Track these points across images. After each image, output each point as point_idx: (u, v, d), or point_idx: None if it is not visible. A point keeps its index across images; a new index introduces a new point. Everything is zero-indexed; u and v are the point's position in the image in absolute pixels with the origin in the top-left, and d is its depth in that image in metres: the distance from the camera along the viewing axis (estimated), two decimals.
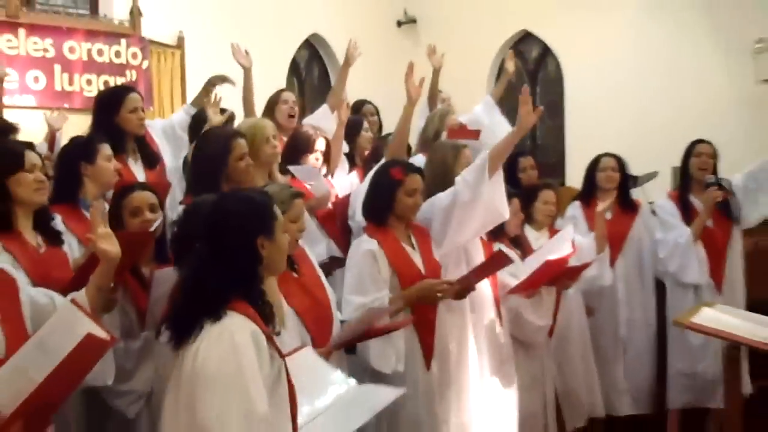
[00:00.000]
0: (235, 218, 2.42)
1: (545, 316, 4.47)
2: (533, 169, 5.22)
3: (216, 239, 2.41)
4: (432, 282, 3.78)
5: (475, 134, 5.00)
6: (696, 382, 5.11)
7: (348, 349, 3.45)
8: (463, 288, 3.87)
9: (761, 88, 7.99)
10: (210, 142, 3.90)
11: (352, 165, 5.22)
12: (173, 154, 4.74)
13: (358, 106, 5.91)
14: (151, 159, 4.45)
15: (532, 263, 4.38)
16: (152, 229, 3.24)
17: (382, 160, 4.32)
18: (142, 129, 4.40)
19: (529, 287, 4.29)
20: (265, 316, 2.43)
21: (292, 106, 5.25)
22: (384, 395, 2.82)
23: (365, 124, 5.41)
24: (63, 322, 2.28)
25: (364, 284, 3.67)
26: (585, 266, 4.60)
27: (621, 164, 5.26)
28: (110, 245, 2.70)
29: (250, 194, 2.59)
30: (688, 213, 5.12)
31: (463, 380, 4.06)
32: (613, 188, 5.21)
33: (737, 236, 5.22)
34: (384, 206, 3.81)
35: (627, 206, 5.24)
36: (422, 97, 4.83)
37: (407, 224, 3.91)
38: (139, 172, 4.27)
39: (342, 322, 3.52)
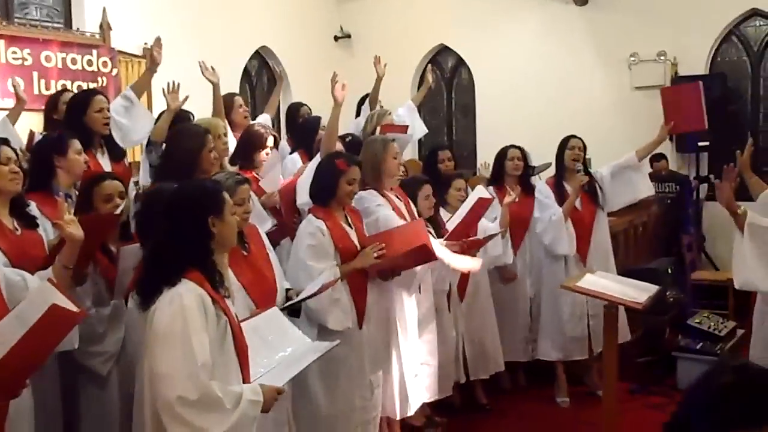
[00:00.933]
0: (189, 201, 2.47)
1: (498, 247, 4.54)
2: (450, 161, 5.26)
3: (173, 219, 2.45)
4: (368, 251, 3.78)
5: (404, 129, 5.03)
6: (564, 340, 5.23)
7: (291, 312, 3.41)
8: (390, 270, 3.91)
9: (634, 94, 8.20)
10: (187, 137, 3.80)
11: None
12: (118, 139, 4.48)
13: (297, 107, 5.84)
14: (117, 153, 4.33)
15: (455, 221, 4.44)
16: (117, 212, 3.17)
17: (318, 154, 4.28)
18: (107, 127, 4.25)
19: (463, 229, 4.32)
20: (215, 283, 2.45)
21: (246, 108, 5.24)
22: (323, 346, 2.85)
23: (323, 122, 5.32)
24: (35, 297, 2.22)
25: (319, 254, 3.66)
26: (489, 238, 4.68)
27: (524, 155, 5.35)
28: (75, 230, 2.68)
29: (202, 182, 2.64)
30: (561, 196, 5.19)
31: (389, 337, 4.11)
32: (517, 175, 5.30)
33: (602, 218, 5.32)
34: (328, 191, 3.79)
35: (528, 190, 5.32)
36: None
37: (344, 207, 3.89)
38: (106, 164, 4.14)
39: (288, 289, 3.49)
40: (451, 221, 4.56)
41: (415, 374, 4.23)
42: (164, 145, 4.16)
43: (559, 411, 5.19)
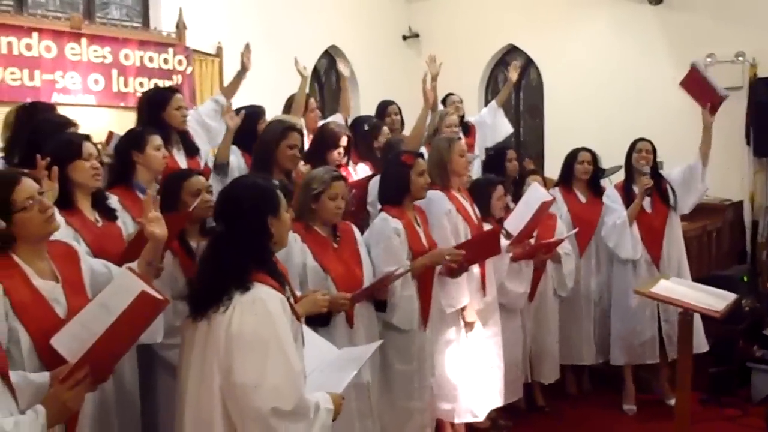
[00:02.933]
0: (247, 202, 2.39)
1: (524, 284, 4.47)
2: (516, 160, 5.21)
3: (233, 220, 2.37)
4: (444, 249, 3.83)
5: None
6: (633, 345, 5.11)
7: (378, 307, 3.49)
8: (459, 267, 3.91)
9: None
10: (268, 130, 3.90)
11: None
12: (205, 141, 4.66)
13: (384, 106, 5.86)
14: (192, 149, 4.41)
15: (515, 216, 4.42)
16: (191, 209, 3.24)
17: None
18: (184, 124, 4.35)
19: (527, 234, 4.29)
20: (281, 284, 2.40)
21: (319, 113, 5.34)
22: (366, 350, 2.80)
23: (384, 129, 5.32)
24: (121, 285, 2.26)
25: (396, 256, 3.68)
26: (559, 241, 4.63)
27: (594, 158, 5.28)
28: (159, 228, 2.66)
29: (256, 180, 2.56)
30: (629, 199, 5.09)
31: (452, 339, 4.11)
32: (586, 178, 5.22)
33: (675, 221, 5.18)
34: (400, 188, 3.80)
35: (597, 193, 5.23)
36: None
37: (413, 206, 3.90)
38: (181, 160, 4.22)
39: None
40: (509, 221, 4.50)
41: (480, 378, 4.19)
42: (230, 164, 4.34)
43: (625, 419, 5.08)
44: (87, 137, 3.26)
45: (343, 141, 4.46)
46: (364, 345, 3.02)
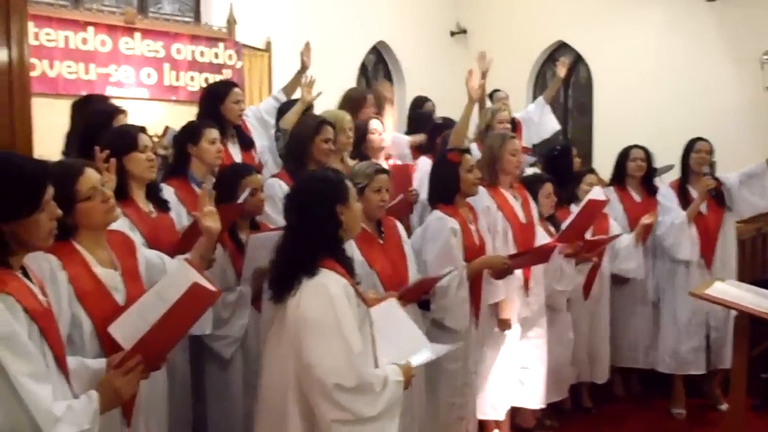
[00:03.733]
0: (316, 191, 2.52)
1: (563, 283, 4.41)
2: (577, 158, 5.19)
3: (302, 210, 2.51)
4: (502, 257, 3.86)
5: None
6: (679, 352, 5.00)
7: (421, 305, 3.48)
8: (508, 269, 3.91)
9: (767, 95, 7.73)
10: (302, 124, 3.93)
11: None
12: (263, 135, 4.70)
13: (421, 102, 5.83)
14: (246, 143, 4.44)
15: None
16: (240, 200, 3.27)
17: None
18: (240, 118, 4.39)
19: (573, 232, 4.24)
20: (350, 270, 2.54)
21: (373, 109, 5.25)
22: (442, 348, 2.86)
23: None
24: (176, 276, 2.31)
25: (452, 256, 3.67)
26: (602, 241, 4.56)
27: (648, 156, 5.19)
28: (213, 222, 2.74)
29: (325, 172, 2.69)
30: (685, 199, 4.99)
31: (499, 337, 4.09)
32: (640, 175, 5.15)
33: (730, 223, 5.06)
34: (451, 186, 3.78)
35: (651, 193, 5.14)
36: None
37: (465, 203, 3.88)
38: (236, 154, 4.25)
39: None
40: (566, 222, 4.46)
41: (513, 377, 4.16)
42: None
43: (674, 423, 4.98)
44: (142, 129, 3.30)
45: (375, 124, 4.43)
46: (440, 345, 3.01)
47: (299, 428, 2.42)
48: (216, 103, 4.27)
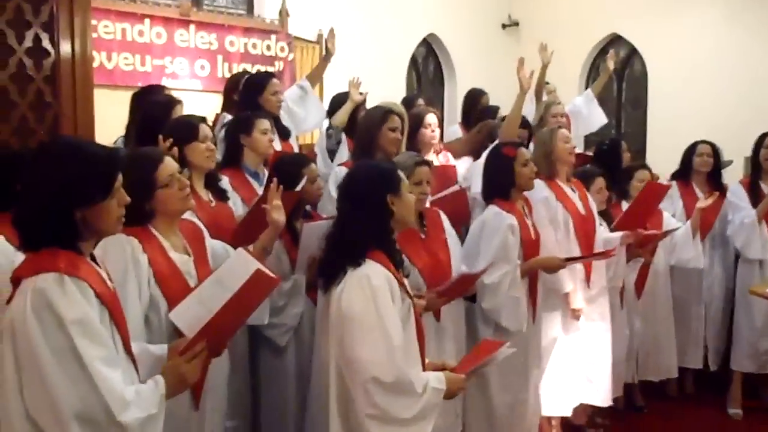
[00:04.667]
0: (366, 181, 2.51)
1: (615, 280, 4.35)
2: (627, 152, 5.10)
3: (353, 199, 2.49)
4: (560, 259, 3.79)
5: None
6: (758, 352, 4.90)
7: (467, 297, 3.45)
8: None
9: None
10: (369, 115, 3.98)
11: None
12: (289, 123, 4.70)
13: (476, 96, 5.81)
14: (285, 133, 4.49)
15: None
16: (298, 188, 3.30)
17: (496, 142, 4.22)
18: (278, 109, 4.44)
19: (631, 219, 4.18)
20: (396, 263, 2.50)
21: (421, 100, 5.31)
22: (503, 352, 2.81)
23: (500, 112, 5.25)
24: (237, 264, 2.35)
25: (509, 254, 3.64)
26: (665, 234, 4.49)
27: (715, 151, 5.08)
28: (280, 215, 2.83)
29: (377, 162, 2.72)
30: (756, 197, 4.88)
31: (558, 331, 4.05)
32: (706, 171, 5.05)
33: None
34: (506, 181, 3.73)
35: (718, 189, 4.98)
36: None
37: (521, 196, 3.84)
38: (276, 144, 4.21)
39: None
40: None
41: (579, 373, 4.11)
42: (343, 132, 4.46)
43: (729, 423, 4.89)
44: (203, 119, 3.36)
45: (430, 118, 4.44)
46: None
47: (338, 427, 2.40)
48: (255, 95, 4.33)
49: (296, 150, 4.67)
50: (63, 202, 1.87)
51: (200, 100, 6.59)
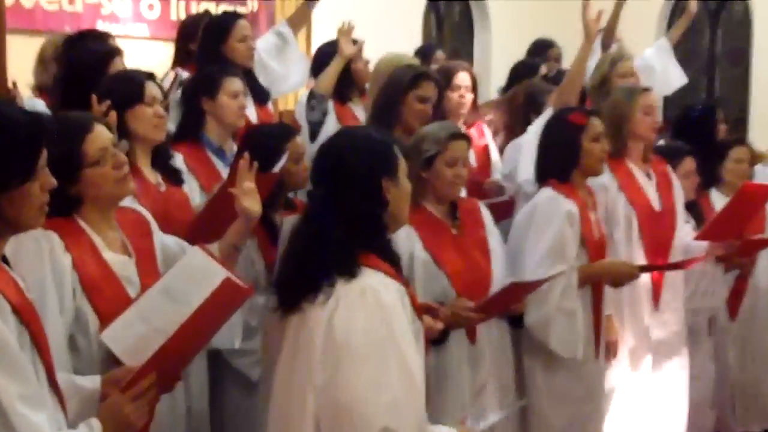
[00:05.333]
0: (354, 157, 2.34)
1: (708, 297, 4.37)
2: (724, 123, 5.07)
3: (338, 182, 2.34)
4: (632, 267, 3.79)
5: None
6: None
7: (514, 323, 3.48)
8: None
9: None
10: (394, 76, 4.00)
11: None
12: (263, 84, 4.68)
13: (543, 48, 5.83)
14: (261, 95, 4.49)
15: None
16: (277, 169, 3.29)
17: (548, 110, 4.23)
18: (250, 60, 4.43)
19: (722, 228, 4.19)
20: (398, 270, 2.40)
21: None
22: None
23: (542, 69, 5.30)
24: (193, 269, 2.36)
25: (565, 251, 3.63)
26: (763, 242, 4.49)
27: None
28: (253, 204, 2.79)
29: (368, 131, 2.60)
30: None
31: (628, 369, 4.07)
32: None
33: None
34: (569, 158, 3.73)
35: None
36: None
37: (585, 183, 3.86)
38: (250, 110, 4.23)
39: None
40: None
41: (646, 420, 4.14)
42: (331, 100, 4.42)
43: None
44: (151, 76, 3.37)
45: (462, 78, 4.43)
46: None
47: None
48: (216, 42, 4.34)
49: (276, 119, 4.69)
50: None
51: (147, 51, 6.66)
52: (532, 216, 3.70)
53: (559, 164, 3.75)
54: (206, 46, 4.41)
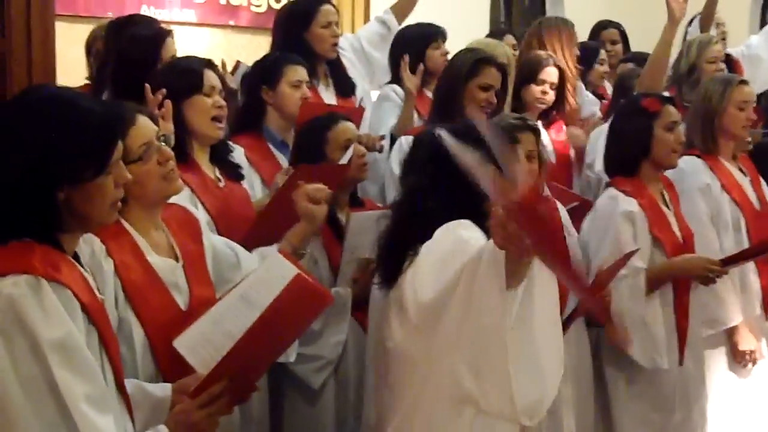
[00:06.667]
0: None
1: None
2: None
3: (440, 170, 2.49)
4: (708, 260, 3.70)
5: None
6: None
7: (591, 323, 3.48)
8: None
9: None
10: (455, 63, 4.00)
11: None
12: (363, 75, 4.72)
13: (599, 29, 5.79)
14: (345, 85, 4.47)
15: None
16: (345, 161, 3.30)
17: None
18: (334, 50, 4.41)
19: None
20: None
21: None
22: None
23: (602, 54, 5.28)
24: (268, 272, 2.34)
25: (623, 251, 3.55)
26: None
27: None
28: (317, 208, 2.82)
29: (452, 126, 2.63)
30: None
31: (717, 379, 4.02)
32: None
33: None
34: (638, 148, 3.71)
35: None
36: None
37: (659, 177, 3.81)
38: (331, 101, 4.27)
39: None
40: None
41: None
42: None
43: None
44: (209, 64, 3.36)
45: (549, 73, 4.41)
46: None
47: None
48: (298, 29, 4.31)
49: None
50: (41, 177, 1.87)
51: (194, 37, 6.66)
52: (592, 221, 3.72)
53: (629, 154, 3.73)
54: (287, 31, 4.39)
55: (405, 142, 3.85)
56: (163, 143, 2.54)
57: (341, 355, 3.41)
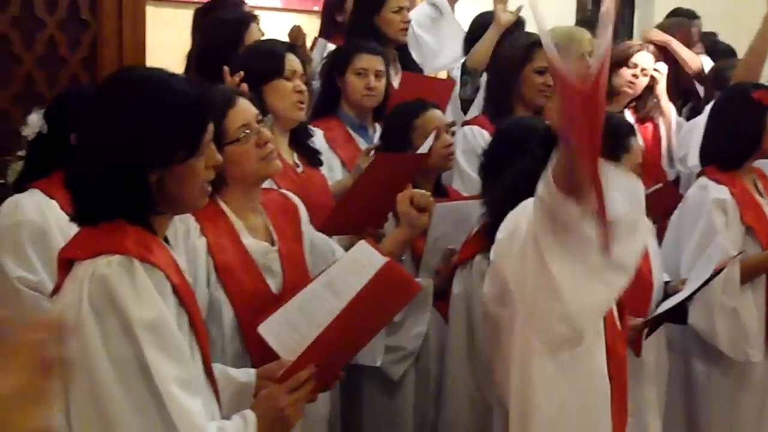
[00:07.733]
0: (525, 133, 2.73)
1: None
2: None
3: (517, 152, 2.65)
4: None
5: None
6: None
7: (674, 318, 3.44)
8: None
9: None
10: (508, 47, 4.02)
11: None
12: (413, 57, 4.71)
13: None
14: (414, 71, 4.52)
15: None
16: (427, 150, 3.33)
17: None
18: (405, 34, 4.47)
19: None
20: None
21: None
22: None
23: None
24: (356, 261, 2.39)
25: (713, 239, 3.57)
26: None
27: None
28: (422, 214, 2.90)
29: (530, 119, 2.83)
30: None
31: None
32: None
33: None
34: (746, 143, 3.69)
35: None
36: None
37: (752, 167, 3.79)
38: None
39: (666, 283, 3.49)
40: None
41: None
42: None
43: None
44: (291, 47, 3.44)
45: (642, 58, 4.38)
46: None
47: None
48: (369, 13, 4.39)
49: None
50: (134, 159, 1.90)
51: (278, 22, 6.73)
52: (682, 211, 3.72)
53: (734, 147, 3.71)
54: (358, 16, 4.47)
55: (468, 132, 3.88)
56: (263, 126, 2.62)
57: (421, 347, 3.42)
